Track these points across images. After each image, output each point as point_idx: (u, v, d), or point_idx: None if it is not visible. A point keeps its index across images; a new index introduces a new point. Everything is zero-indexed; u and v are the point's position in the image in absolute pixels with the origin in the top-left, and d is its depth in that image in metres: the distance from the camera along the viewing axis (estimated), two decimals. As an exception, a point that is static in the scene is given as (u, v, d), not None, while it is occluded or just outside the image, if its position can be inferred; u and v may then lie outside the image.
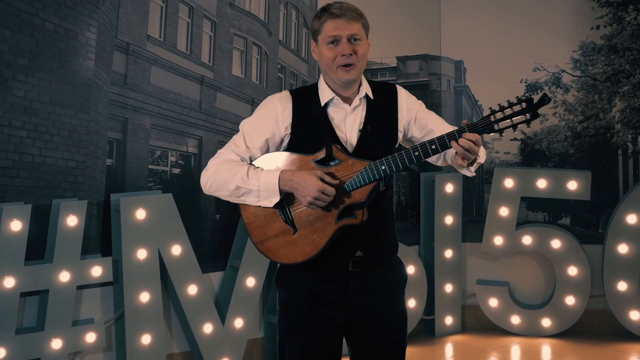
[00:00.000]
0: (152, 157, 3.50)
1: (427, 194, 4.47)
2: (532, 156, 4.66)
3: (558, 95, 4.58)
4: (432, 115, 2.09)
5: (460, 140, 1.81)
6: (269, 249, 1.95)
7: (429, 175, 4.46)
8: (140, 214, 3.24)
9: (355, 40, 1.92)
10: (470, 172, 2.00)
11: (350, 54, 1.91)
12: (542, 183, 4.32)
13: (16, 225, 2.91)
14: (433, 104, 4.71)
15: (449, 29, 4.74)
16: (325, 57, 1.94)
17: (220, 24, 3.80)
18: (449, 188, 4.40)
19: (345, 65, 1.91)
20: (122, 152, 3.39)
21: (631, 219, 4.18)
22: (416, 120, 2.06)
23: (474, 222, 4.67)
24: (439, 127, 2.04)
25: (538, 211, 4.61)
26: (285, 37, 4.13)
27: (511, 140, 4.69)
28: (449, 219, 4.41)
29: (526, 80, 4.62)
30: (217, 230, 3.70)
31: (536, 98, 1.83)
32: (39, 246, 3.08)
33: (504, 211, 4.35)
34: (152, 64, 3.50)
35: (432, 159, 2.06)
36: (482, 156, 1.99)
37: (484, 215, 4.49)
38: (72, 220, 3.06)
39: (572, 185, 4.26)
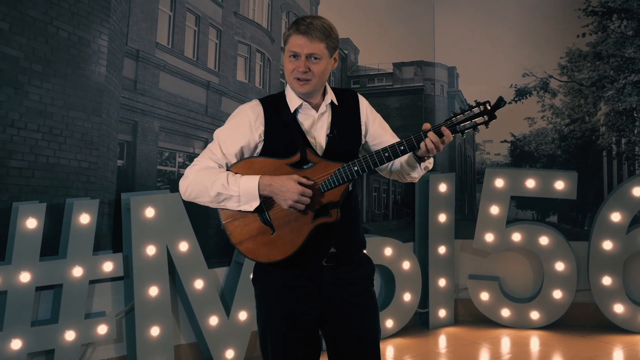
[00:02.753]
0: (160, 158, 3.50)
1: (422, 193, 4.47)
2: (521, 157, 4.67)
3: (546, 99, 4.58)
4: (388, 128, 2.15)
5: (431, 134, 1.86)
6: (249, 249, 1.95)
7: (424, 176, 4.43)
8: (150, 212, 3.25)
9: (314, 59, 1.93)
10: (419, 174, 2.10)
11: (305, 72, 1.92)
12: (530, 183, 4.32)
13: (32, 223, 2.91)
14: (427, 108, 4.72)
15: (442, 37, 4.74)
16: (286, 68, 1.98)
17: (225, 31, 3.81)
18: (443, 188, 4.40)
19: (300, 79, 1.93)
20: (132, 153, 3.39)
21: (615, 217, 4.18)
22: (374, 128, 2.10)
23: (466, 220, 4.67)
24: (390, 140, 2.08)
25: (527, 209, 4.61)
26: (287, 44, 4.13)
27: (501, 142, 4.69)
28: (442, 217, 4.41)
29: (516, 85, 4.63)
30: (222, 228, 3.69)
31: (494, 101, 1.90)
32: (53, 243, 3.08)
33: (494, 210, 4.35)
34: (161, 69, 3.50)
35: (380, 168, 2.12)
36: (430, 162, 2.08)
37: (475, 213, 4.49)
38: (84, 218, 3.07)
39: (560, 185, 4.27)
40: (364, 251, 2.11)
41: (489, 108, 1.89)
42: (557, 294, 4.26)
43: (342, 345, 2.00)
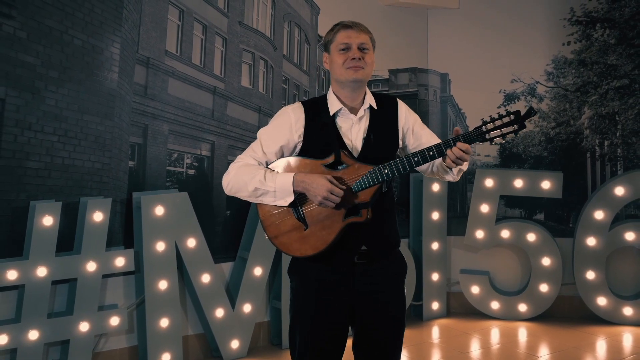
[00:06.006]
0: (169, 160, 3.51)
1: (416, 192, 4.48)
2: (509, 159, 4.67)
3: (533, 104, 4.59)
4: (426, 130, 2.11)
5: (454, 149, 1.83)
6: (283, 243, 1.96)
7: (417, 176, 4.47)
8: (159, 210, 3.25)
9: (364, 49, 1.95)
10: (453, 177, 2.03)
11: (360, 58, 1.93)
12: (518, 183, 4.33)
13: (48, 221, 2.92)
14: (421, 112, 4.72)
15: (435, 45, 4.75)
16: (336, 62, 1.96)
17: (230, 40, 3.81)
18: (436, 187, 4.41)
19: (354, 66, 1.93)
20: (143, 155, 3.40)
21: (598, 214, 4.19)
22: (413, 132, 2.07)
23: (457, 218, 4.68)
24: (430, 141, 2.05)
25: (515, 208, 4.62)
26: (288, 52, 4.14)
27: (491, 144, 4.69)
28: (435, 215, 4.42)
29: (504, 90, 4.63)
30: (227, 225, 3.71)
31: (523, 111, 1.83)
32: (68, 239, 3.09)
33: (484, 208, 4.36)
34: (170, 76, 3.51)
35: (422, 169, 2.09)
36: (465, 164, 2.01)
37: (466, 211, 4.50)
38: (98, 216, 3.07)
39: (546, 184, 4.28)
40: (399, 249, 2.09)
41: (520, 117, 1.82)
42: (544, 288, 4.27)
43: (368, 336, 2.00)
